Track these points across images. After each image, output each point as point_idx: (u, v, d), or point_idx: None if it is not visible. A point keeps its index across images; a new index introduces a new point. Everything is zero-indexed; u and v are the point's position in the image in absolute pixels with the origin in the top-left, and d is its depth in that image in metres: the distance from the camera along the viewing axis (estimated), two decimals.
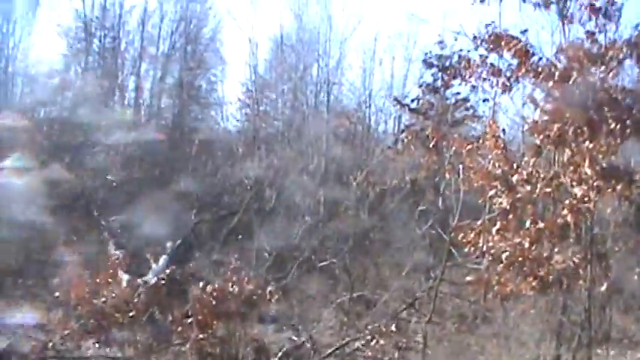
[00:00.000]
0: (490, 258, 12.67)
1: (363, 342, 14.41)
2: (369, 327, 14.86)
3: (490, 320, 16.03)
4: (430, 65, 23.58)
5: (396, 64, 32.67)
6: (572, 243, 13.06)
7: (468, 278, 13.52)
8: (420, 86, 24.26)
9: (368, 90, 28.04)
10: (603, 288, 12.83)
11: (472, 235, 12.85)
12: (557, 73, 12.60)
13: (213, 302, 11.04)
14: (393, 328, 14.53)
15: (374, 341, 14.29)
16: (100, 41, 34.99)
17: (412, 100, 24.57)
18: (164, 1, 34.80)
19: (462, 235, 12.91)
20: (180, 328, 11.28)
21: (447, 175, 15.22)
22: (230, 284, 11.39)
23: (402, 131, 25.16)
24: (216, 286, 11.46)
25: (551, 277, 12.60)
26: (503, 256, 12.30)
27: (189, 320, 11.30)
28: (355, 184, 22.60)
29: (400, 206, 21.98)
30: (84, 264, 14.89)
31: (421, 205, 20.69)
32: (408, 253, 19.53)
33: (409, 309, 16.51)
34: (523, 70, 13.42)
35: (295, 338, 16.44)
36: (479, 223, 12.93)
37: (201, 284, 11.72)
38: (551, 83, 12.62)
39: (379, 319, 15.89)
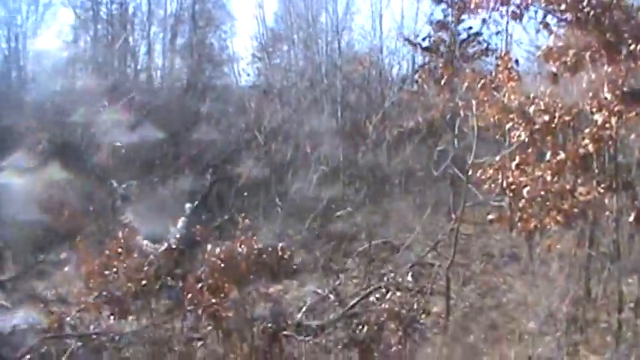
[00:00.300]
0: (511, 194, 11.90)
1: (384, 291, 13.78)
2: (392, 274, 14.21)
3: (516, 258, 15.35)
4: (439, 1, 22.54)
5: (406, 3, 31.95)
6: (596, 173, 12.32)
7: (490, 217, 12.79)
8: (430, 23, 23.21)
9: (379, 33, 26.93)
10: (631, 218, 12.01)
11: (491, 172, 12.12)
12: None
13: (222, 265, 10.40)
14: (409, 278, 13.85)
15: (391, 293, 13.71)
16: (107, 8, 33.97)
17: (423, 39, 23.53)
18: None
19: (480, 172, 12.19)
20: (190, 295, 10.65)
21: (462, 113, 14.35)
22: (239, 244, 10.73)
23: (416, 71, 24.17)
24: (224, 248, 10.79)
25: (575, 209, 11.87)
26: (524, 191, 11.55)
27: (200, 285, 10.68)
28: (371, 129, 21.76)
29: (418, 148, 21.13)
30: (98, 234, 14.36)
31: (439, 145, 19.82)
32: (429, 195, 18.82)
33: (432, 252, 15.81)
34: None
35: (319, 291, 15.86)
36: (497, 158, 12.18)
37: (209, 247, 11.07)
38: (563, 6, 11.69)
39: (402, 265, 15.28)
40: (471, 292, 14.86)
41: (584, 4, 11.53)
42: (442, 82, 18.14)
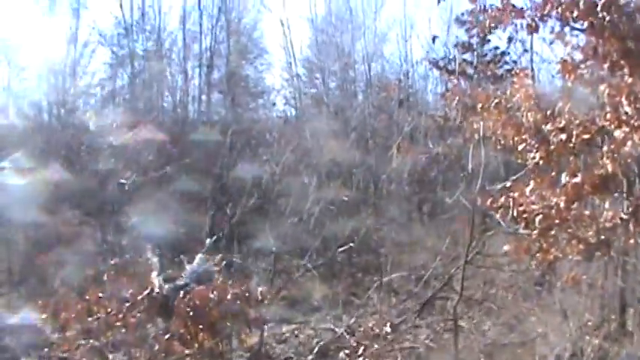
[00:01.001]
0: (523, 223, 10.36)
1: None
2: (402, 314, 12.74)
3: (544, 288, 13.65)
4: (463, 23, 21.16)
5: (436, 29, 30.52)
6: (621, 196, 10.71)
7: (506, 247, 11.20)
8: (456, 46, 21.80)
9: (409, 58, 25.61)
10: None
11: (502, 199, 10.60)
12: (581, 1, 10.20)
13: (190, 313, 8.95)
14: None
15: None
16: (143, 45, 33.35)
17: (448, 62, 22.10)
18: None
19: (490, 200, 10.68)
20: (158, 346, 9.13)
21: (476, 136, 12.88)
22: (211, 290, 9.30)
23: (442, 95, 22.76)
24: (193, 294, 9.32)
25: (599, 237, 10.29)
26: (537, 219, 10.00)
27: (168, 336, 9.18)
28: (396, 155, 20.34)
29: (445, 174, 19.59)
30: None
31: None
32: (454, 223, 17.21)
33: (444, 289, 14.19)
34: (549, 6, 11.04)
35: (335, 329, 14.42)
36: (508, 184, 10.68)
37: (181, 293, 9.64)
38: (576, 12, 10.20)
39: (416, 302, 13.77)
40: (493, 327, 13.23)
41: (599, 8, 10.00)
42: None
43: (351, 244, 16.30)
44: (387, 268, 16.74)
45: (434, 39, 20.18)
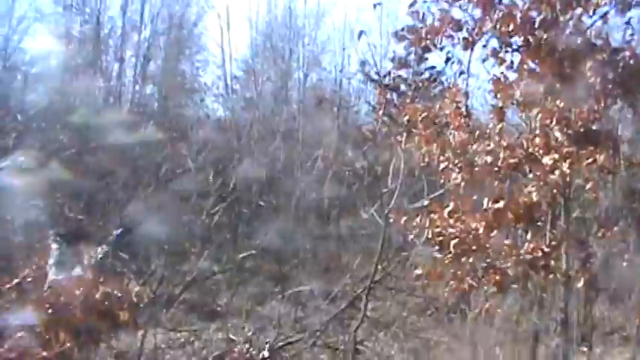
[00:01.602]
0: (437, 247, 9.32)
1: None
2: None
3: (450, 319, 12.62)
4: (402, 38, 20.08)
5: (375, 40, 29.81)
6: (544, 228, 9.78)
7: (418, 271, 10.11)
8: (392, 60, 20.77)
9: (345, 70, 24.65)
10: (581, 284, 9.49)
11: (418, 220, 9.54)
12: (518, 15, 9.27)
13: (50, 310, 7.50)
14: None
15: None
16: (81, 27, 31.67)
17: (383, 76, 21.04)
18: None
19: (403, 220, 9.61)
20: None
21: (399, 151, 11.84)
22: (77, 286, 7.86)
23: (373, 109, 21.70)
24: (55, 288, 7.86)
25: (518, 269, 9.32)
26: (452, 244, 8.97)
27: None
28: (322, 166, 19.22)
29: (366, 190, 18.41)
30: None
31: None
32: (368, 241, 16.11)
33: (350, 309, 12.98)
34: (488, 22, 10.07)
35: (234, 338, 13.20)
36: (426, 203, 9.64)
37: (46, 286, 8.13)
38: (511, 26, 9.26)
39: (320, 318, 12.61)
40: (399, 353, 12.16)
41: (537, 25, 9.08)
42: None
43: (253, 251, 15.03)
44: (297, 280, 15.59)
45: (360, 34, 19.00)
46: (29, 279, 8.09)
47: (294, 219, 18.61)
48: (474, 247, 8.99)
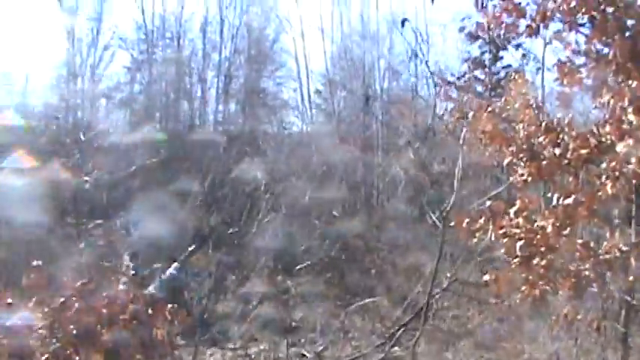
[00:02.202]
0: (503, 250, 8.36)
1: None
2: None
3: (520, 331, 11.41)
4: (476, 37, 19.12)
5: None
6: (623, 224, 8.67)
7: (486, 277, 9.13)
8: (466, 61, 19.77)
9: (419, 73, 23.77)
10: None
11: (482, 221, 8.59)
12: None
13: (74, 332, 6.79)
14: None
15: None
16: (163, 51, 31.91)
17: (458, 78, 20.04)
18: (224, 6, 31.30)
19: (465, 222, 8.67)
20: None
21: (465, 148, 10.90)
22: (105, 304, 7.17)
23: (450, 111, 20.67)
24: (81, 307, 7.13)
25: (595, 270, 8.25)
26: (517, 245, 8.01)
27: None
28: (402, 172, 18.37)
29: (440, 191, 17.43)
30: None
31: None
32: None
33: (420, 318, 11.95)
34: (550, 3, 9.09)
35: (306, 354, 12.51)
36: (488, 203, 8.69)
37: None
38: (573, 3, 8.26)
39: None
40: None
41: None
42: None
43: (308, 263, 14.36)
44: (374, 291, 14.82)
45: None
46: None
47: (371, 227, 17.89)
48: (542, 249, 7.98)
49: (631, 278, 8.11)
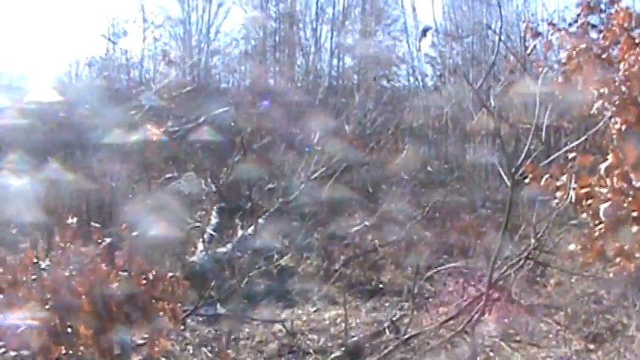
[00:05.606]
0: (588, 214, 6.63)
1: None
2: None
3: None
4: None
5: None
6: None
7: (571, 247, 7.39)
8: (579, 5, 17.35)
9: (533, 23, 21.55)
10: None
11: (564, 178, 6.89)
12: None
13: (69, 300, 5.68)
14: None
15: None
16: (276, 6, 31.09)
17: (569, 24, 17.66)
18: None
19: (544, 179, 6.99)
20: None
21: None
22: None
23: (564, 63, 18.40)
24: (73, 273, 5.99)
25: None
26: (602, 208, 6.28)
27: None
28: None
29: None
30: None
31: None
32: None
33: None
34: None
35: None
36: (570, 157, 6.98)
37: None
38: None
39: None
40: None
41: None
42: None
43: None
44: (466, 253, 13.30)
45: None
46: None
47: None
48: (635, 213, 6.23)
49: None
